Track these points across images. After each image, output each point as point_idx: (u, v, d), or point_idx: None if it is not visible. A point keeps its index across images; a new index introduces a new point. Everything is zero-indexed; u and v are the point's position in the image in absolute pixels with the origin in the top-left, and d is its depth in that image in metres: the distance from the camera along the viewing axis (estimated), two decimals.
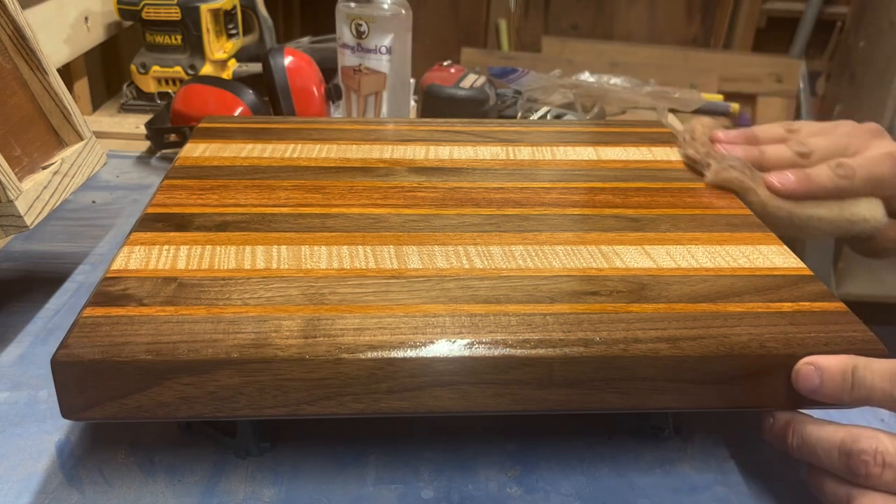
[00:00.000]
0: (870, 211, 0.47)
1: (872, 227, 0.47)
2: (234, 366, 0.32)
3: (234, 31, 0.92)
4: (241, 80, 0.80)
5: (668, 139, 0.58)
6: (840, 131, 0.51)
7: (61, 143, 0.51)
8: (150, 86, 0.89)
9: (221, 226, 0.42)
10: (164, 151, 0.76)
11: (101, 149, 0.53)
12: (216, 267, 0.38)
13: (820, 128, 0.52)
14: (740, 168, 0.48)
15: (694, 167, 0.52)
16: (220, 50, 0.90)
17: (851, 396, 0.33)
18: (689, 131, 0.54)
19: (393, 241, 0.41)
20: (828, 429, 0.33)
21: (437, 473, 0.38)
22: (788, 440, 0.35)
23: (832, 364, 0.34)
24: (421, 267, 0.39)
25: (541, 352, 0.33)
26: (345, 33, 0.73)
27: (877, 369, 0.33)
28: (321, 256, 0.39)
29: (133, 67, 0.89)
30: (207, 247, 0.40)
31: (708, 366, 0.34)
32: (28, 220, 0.43)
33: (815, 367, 0.34)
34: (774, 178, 0.47)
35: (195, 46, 0.88)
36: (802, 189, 0.47)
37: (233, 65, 0.94)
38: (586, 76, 0.92)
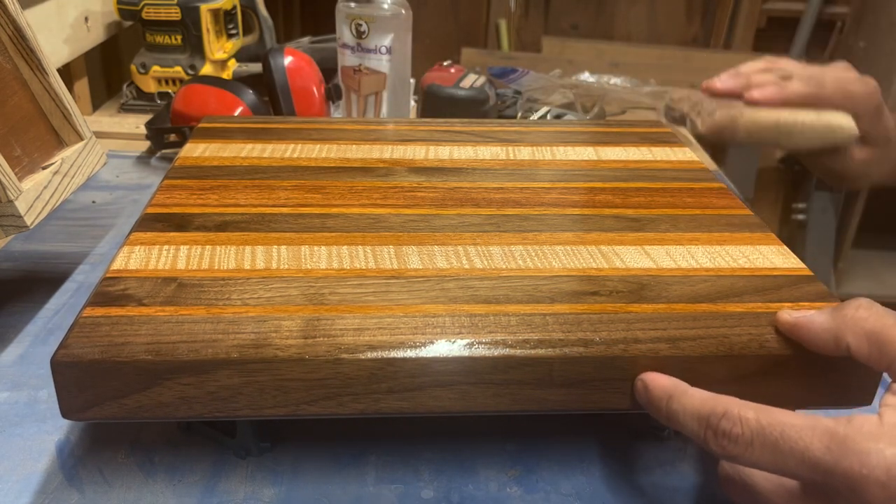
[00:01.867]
0: (845, 119, 0.53)
1: (849, 135, 0.53)
2: (233, 366, 0.32)
3: (234, 31, 0.92)
4: (241, 80, 0.80)
5: (669, 139, 0.58)
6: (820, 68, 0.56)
7: (61, 143, 0.51)
8: (150, 86, 0.89)
9: (221, 226, 0.42)
10: (164, 151, 0.76)
11: (101, 149, 0.53)
12: (216, 267, 0.38)
13: (799, 63, 0.57)
14: (726, 106, 0.55)
15: (680, 120, 0.58)
16: (220, 50, 0.90)
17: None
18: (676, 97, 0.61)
19: (393, 241, 0.41)
20: (695, 398, 0.31)
21: (437, 473, 0.38)
22: (662, 409, 0.32)
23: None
24: (421, 267, 0.39)
25: (540, 352, 0.33)
26: (345, 33, 0.73)
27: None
28: (321, 256, 0.39)
29: (133, 67, 0.89)
30: (207, 247, 0.40)
31: (708, 366, 0.34)
32: (28, 220, 0.43)
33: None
34: (755, 92, 0.54)
35: (195, 46, 0.88)
36: (779, 96, 0.53)
37: (233, 65, 0.94)
38: (586, 76, 0.92)
